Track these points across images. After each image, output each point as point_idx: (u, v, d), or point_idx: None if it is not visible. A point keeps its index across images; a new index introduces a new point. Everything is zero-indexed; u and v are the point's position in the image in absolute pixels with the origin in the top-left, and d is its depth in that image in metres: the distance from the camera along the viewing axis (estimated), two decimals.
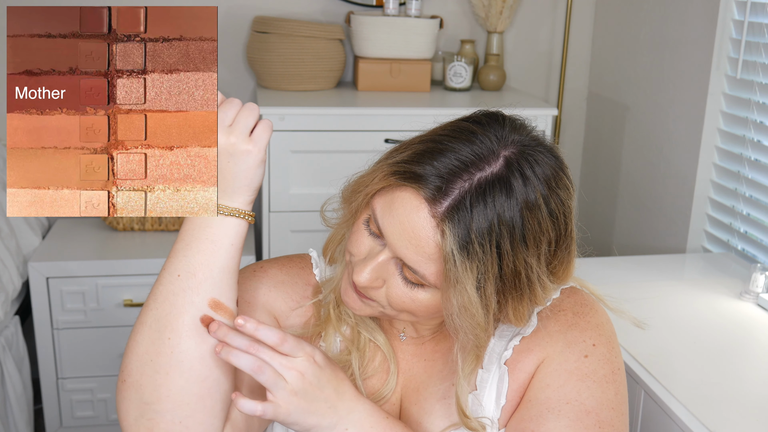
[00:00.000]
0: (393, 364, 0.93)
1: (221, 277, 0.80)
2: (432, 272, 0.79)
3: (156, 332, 0.78)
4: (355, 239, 0.85)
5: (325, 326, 0.94)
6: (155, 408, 0.77)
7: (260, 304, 0.93)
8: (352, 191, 0.88)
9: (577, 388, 0.84)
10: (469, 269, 0.77)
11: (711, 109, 2.02)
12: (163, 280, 0.80)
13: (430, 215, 0.77)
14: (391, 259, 0.82)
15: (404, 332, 0.96)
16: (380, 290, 0.84)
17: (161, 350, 0.77)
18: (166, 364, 0.77)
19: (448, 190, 0.77)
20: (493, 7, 2.45)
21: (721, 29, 1.97)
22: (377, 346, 0.95)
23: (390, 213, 0.80)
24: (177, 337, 0.78)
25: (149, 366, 0.78)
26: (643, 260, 1.92)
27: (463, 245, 0.76)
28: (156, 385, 0.77)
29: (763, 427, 1.20)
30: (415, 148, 0.82)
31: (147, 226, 2.33)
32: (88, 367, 2.15)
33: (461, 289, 0.78)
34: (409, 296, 0.83)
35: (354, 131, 2.10)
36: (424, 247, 0.78)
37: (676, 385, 1.29)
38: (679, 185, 2.15)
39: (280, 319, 0.94)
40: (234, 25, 2.42)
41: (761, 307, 1.61)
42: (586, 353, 0.86)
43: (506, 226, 0.77)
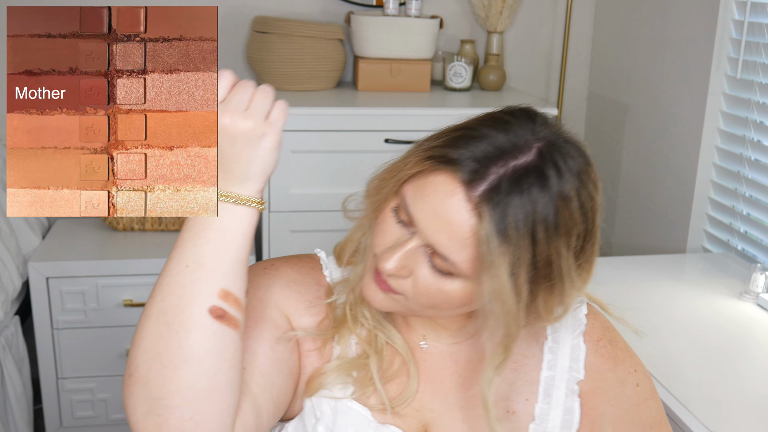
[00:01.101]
0: (413, 367, 0.91)
1: (232, 267, 0.76)
2: (464, 258, 0.78)
3: (163, 325, 0.75)
4: (382, 229, 0.84)
5: (340, 328, 0.91)
6: (164, 404, 0.74)
7: (273, 302, 0.90)
8: (381, 179, 0.87)
9: (648, 412, 0.96)
10: (504, 254, 0.76)
11: (711, 109, 2.02)
12: (169, 271, 0.77)
13: (465, 199, 0.77)
14: (420, 247, 0.81)
15: (425, 340, 0.94)
16: (406, 281, 0.82)
17: (169, 344, 0.74)
18: (175, 359, 0.74)
19: (484, 174, 0.77)
20: (493, 7, 2.45)
21: (721, 29, 1.97)
22: (395, 349, 0.92)
23: (423, 198, 0.79)
24: (185, 331, 0.74)
25: (157, 360, 0.74)
26: (643, 260, 1.92)
27: (500, 229, 0.76)
28: (164, 381, 0.74)
29: (763, 427, 1.20)
30: (449, 135, 0.82)
31: (147, 226, 2.33)
32: (88, 367, 2.15)
33: (494, 275, 0.77)
34: (437, 286, 0.81)
35: (354, 131, 2.10)
36: (457, 231, 0.77)
37: (676, 385, 1.29)
38: (679, 185, 2.15)
39: (293, 318, 0.91)
40: (234, 25, 2.42)
41: (761, 307, 1.61)
42: (636, 382, 0.96)
43: (541, 214, 0.77)
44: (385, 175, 0.87)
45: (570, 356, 0.93)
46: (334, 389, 0.89)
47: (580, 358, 0.93)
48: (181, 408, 0.74)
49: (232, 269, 0.76)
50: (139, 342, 0.76)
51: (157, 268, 2.11)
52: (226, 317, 0.76)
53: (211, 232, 0.77)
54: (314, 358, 0.91)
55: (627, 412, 0.94)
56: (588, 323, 0.95)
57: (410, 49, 2.31)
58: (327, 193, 2.12)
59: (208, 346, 0.75)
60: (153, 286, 0.79)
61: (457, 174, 0.78)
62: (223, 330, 0.75)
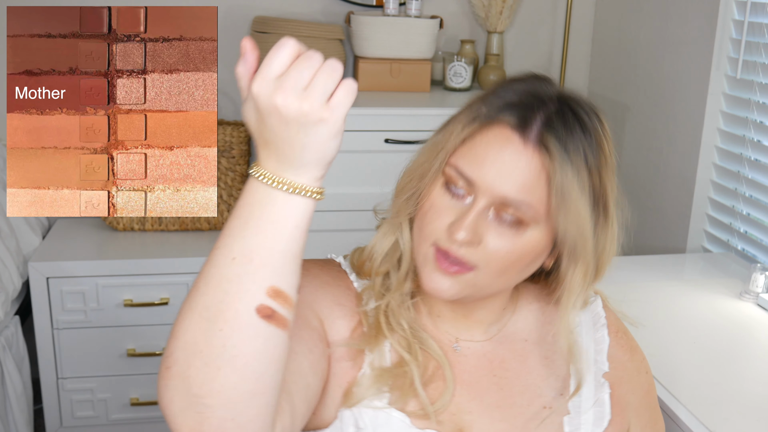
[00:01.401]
0: (448, 371, 0.90)
1: (283, 262, 0.69)
2: (538, 198, 0.81)
3: (206, 321, 0.68)
4: (436, 211, 0.84)
5: (378, 336, 0.89)
6: (205, 402, 0.68)
7: (307, 302, 0.87)
8: (420, 166, 0.87)
9: (654, 397, 1.02)
10: (573, 181, 0.80)
11: (711, 109, 2.02)
12: (215, 262, 0.69)
13: (522, 142, 0.81)
14: (485, 210, 0.82)
15: (457, 342, 0.94)
16: (477, 250, 0.83)
17: (212, 342, 0.67)
18: (218, 358, 0.67)
19: (530, 117, 0.82)
20: (493, 7, 2.45)
21: (721, 29, 1.97)
22: (428, 354, 0.91)
23: (480, 157, 0.82)
24: (230, 329, 0.67)
25: (198, 358, 0.68)
26: (643, 260, 1.91)
27: (566, 158, 0.80)
28: (206, 379, 0.68)
29: (763, 427, 1.20)
30: (477, 102, 0.86)
31: (147, 226, 2.33)
32: (88, 367, 2.15)
33: (571, 203, 0.81)
34: (510, 243, 0.83)
35: (354, 131, 2.10)
36: (526, 174, 0.81)
37: (676, 385, 1.29)
38: (679, 185, 2.15)
39: (326, 321, 0.88)
40: (234, 25, 2.42)
41: (761, 307, 1.61)
42: (646, 370, 1.01)
43: (590, 147, 0.83)
44: (425, 158, 0.88)
45: (594, 349, 0.96)
46: (372, 399, 0.87)
47: (603, 351, 0.96)
48: (223, 408, 0.68)
49: (283, 265, 0.69)
50: (179, 334, 0.69)
51: (158, 269, 2.12)
52: (275, 317, 0.69)
53: (261, 222, 0.68)
54: (346, 365, 0.89)
55: (643, 398, 0.99)
56: (606, 315, 0.99)
57: (410, 49, 2.31)
58: (327, 193, 2.11)
59: (254, 347, 0.68)
60: (153, 286, 0.78)
61: (505, 124, 0.82)
62: (272, 331, 0.68)
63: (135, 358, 2.15)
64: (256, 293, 0.68)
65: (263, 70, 0.68)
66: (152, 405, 2.19)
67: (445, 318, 0.94)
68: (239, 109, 2.53)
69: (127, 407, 2.19)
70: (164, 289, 2.12)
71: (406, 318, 0.90)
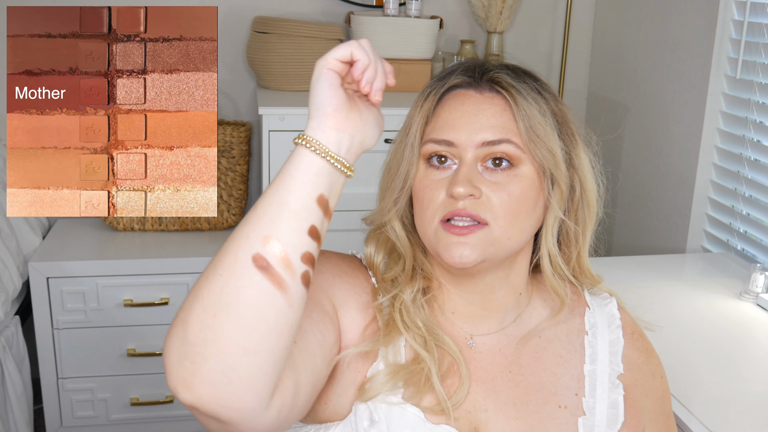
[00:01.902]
0: (464, 368, 0.90)
1: (279, 213, 0.72)
2: (512, 134, 0.87)
3: (212, 267, 0.71)
4: (430, 189, 0.89)
5: (391, 333, 0.90)
6: (198, 351, 0.70)
7: (322, 287, 0.89)
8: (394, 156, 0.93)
9: (669, 402, 1.00)
10: (530, 106, 0.88)
11: (711, 109, 2.02)
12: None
13: (478, 93, 0.89)
14: (474, 163, 0.87)
15: (472, 339, 0.94)
16: (481, 202, 0.86)
17: (212, 287, 0.70)
18: (215, 304, 0.70)
19: (478, 72, 0.91)
20: (493, 7, 2.45)
21: (721, 29, 1.97)
22: (444, 351, 0.91)
23: (449, 120, 0.89)
24: (228, 275, 0.70)
25: (198, 303, 0.70)
26: (643, 260, 1.92)
27: (517, 88, 0.88)
28: (202, 326, 0.70)
29: (763, 427, 1.20)
30: (429, 84, 0.95)
31: (147, 226, 2.33)
32: (88, 367, 2.15)
33: (537, 127, 0.87)
34: (509, 187, 0.87)
35: None
36: (493, 115, 0.87)
37: (676, 385, 1.29)
38: (679, 185, 2.15)
39: (340, 310, 0.89)
40: (234, 25, 2.42)
41: (761, 307, 1.61)
42: (661, 374, 1.00)
43: (536, 82, 0.91)
44: (395, 149, 0.93)
45: (609, 350, 0.96)
46: (387, 394, 0.87)
47: (618, 352, 0.96)
48: (215, 359, 0.70)
49: (279, 217, 0.72)
50: (194, 285, 0.73)
51: (157, 268, 2.12)
52: (269, 271, 0.70)
53: (277, 175, 0.74)
54: (361, 360, 0.89)
55: (657, 403, 0.98)
56: (621, 316, 0.99)
57: (410, 49, 2.31)
58: None
59: (248, 297, 0.70)
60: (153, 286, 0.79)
61: (458, 87, 0.91)
62: (266, 285, 0.70)
63: (135, 358, 2.15)
64: (255, 241, 0.71)
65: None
66: (152, 405, 2.19)
67: (459, 314, 0.95)
68: (239, 109, 2.53)
69: (127, 407, 2.19)
70: (164, 289, 2.12)
71: (420, 316, 0.91)
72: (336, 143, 0.75)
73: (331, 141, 0.74)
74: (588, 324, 0.97)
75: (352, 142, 0.76)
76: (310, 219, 0.73)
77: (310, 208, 0.73)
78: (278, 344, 0.72)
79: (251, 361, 0.70)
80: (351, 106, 0.77)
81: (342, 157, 0.75)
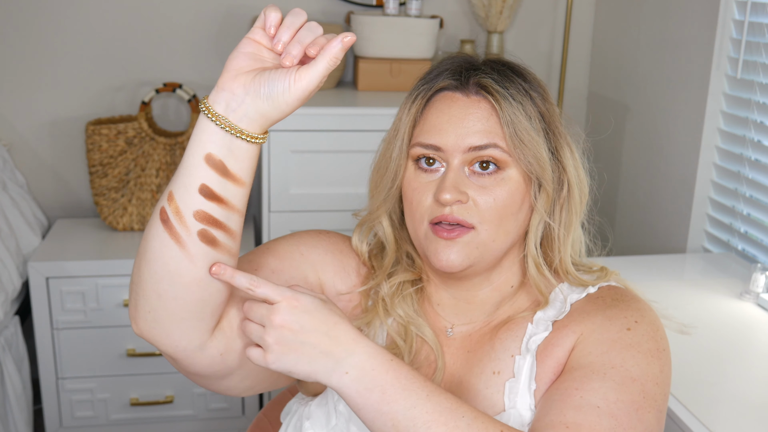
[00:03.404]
0: (440, 360, 0.93)
1: (178, 170, 0.77)
2: (498, 138, 0.87)
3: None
4: (418, 191, 0.89)
5: (372, 316, 0.95)
6: (135, 290, 0.80)
7: (311, 261, 0.95)
8: (383, 155, 0.94)
9: (622, 355, 0.84)
10: (517, 109, 0.87)
11: (711, 109, 2.02)
12: None
13: (465, 96, 0.89)
14: (460, 168, 0.87)
15: (452, 328, 0.96)
16: (468, 207, 0.87)
17: (144, 236, 0.79)
18: (141, 251, 0.79)
19: (465, 75, 0.90)
20: (493, 7, 2.45)
21: (721, 29, 1.97)
22: (422, 339, 0.95)
23: (436, 123, 0.89)
24: (148, 226, 0.78)
25: (138, 249, 0.80)
26: (643, 260, 1.91)
27: (505, 91, 0.88)
28: (135, 268, 0.80)
29: (763, 427, 1.20)
30: (418, 83, 0.94)
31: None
32: (88, 367, 2.14)
33: (523, 132, 0.87)
34: (495, 190, 0.87)
35: (354, 131, 2.10)
36: (481, 119, 0.87)
37: (676, 385, 1.29)
38: (679, 185, 2.15)
39: (325, 285, 0.96)
40: (234, 25, 2.42)
41: (761, 307, 1.61)
42: (628, 327, 0.87)
43: (524, 81, 0.91)
44: (384, 150, 0.94)
45: (557, 314, 0.93)
46: None
47: (563, 312, 0.92)
48: (143, 300, 0.79)
49: (177, 173, 0.77)
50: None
51: None
52: (167, 224, 0.76)
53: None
54: None
55: (601, 341, 0.86)
56: (597, 292, 0.94)
57: (410, 49, 2.31)
58: (327, 193, 2.12)
59: (154, 246, 0.77)
60: None
61: (445, 90, 0.90)
62: (165, 237, 0.76)
63: (135, 358, 2.15)
64: (164, 196, 0.78)
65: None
66: (152, 405, 2.19)
67: (445, 306, 0.97)
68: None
69: (127, 407, 2.19)
70: None
71: (403, 306, 0.95)
72: (225, 106, 0.75)
73: (221, 103, 0.75)
74: (551, 299, 0.94)
75: (247, 108, 0.75)
76: (198, 177, 0.75)
77: (198, 165, 0.75)
78: (188, 295, 0.78)
79: (167, 305, 0.78)
80: (258, 73, 0.75)
81: (233, 120, 0.75)
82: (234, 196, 0.77)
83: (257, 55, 0.76)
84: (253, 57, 0.75)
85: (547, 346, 0.89)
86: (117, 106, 2.42)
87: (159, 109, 2.46)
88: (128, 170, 2.27)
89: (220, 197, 0.76)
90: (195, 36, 2.41)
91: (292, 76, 0.74)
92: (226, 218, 0.77)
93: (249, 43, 0.76)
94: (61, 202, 2.46)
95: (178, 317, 0.79)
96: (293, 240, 0.97)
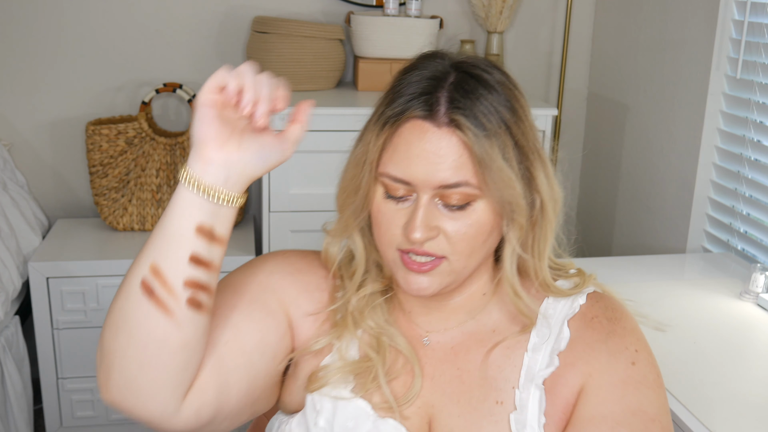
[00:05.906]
0: (417, 367, 0.91)
1: (162, 242, 0.77)
2: (471, 173, 0.82)
3: (120, 286, 0.80)
4: (386, 219, 0.86)
5: (344, 331, 0.92)
6: (108, 359, 0.79)
7: (271, 288, 0.92)
8: (351, 180, 0.89)
9: (637, 397, 0.86)
10: (492, 145, 0.82)
11: (711, 109, 2.02)
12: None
13: (436, 126, 0.82)
14: (430, 201, 0.84)
15: (428, 336, 0.95)
16: (438, 240, 0.85)
17: (115, 306, 0.78)
18: (116, 321, 0.78)
19: (434, 101, 0.83)
20: (493, 7, 2.45)
21: (721, 29, 1.97)
22: (398, 350, 0.92)
23: (405, 155, 0.83)
24: (125, 296, 0.78)
25: (109, 317, 0.79)
26: (643, 260, 1.91)
27: (479, 126, 0.82)
28: (108, 338, 0.79)
29: (763, 427, 1.20)
30: (383, 102, 0.89)
31: (147, 226, 2.33)
32: (88, 367, 2.14)
33: (494, 168, 0.82)
34: (467, 222, 0.84)
35: (354, 131, 2.09)
36: (451, 155, 0.82)
37: (675, 385, 1.29)
38: (679, 185, 2.15)
39: (290, 307, 0.93)
40: (234, 25, 2.42)
41: (761, 307, 1.61)
42: (632, 360, 0.88)
43: (498, 101, 0.84)
44: (352, 173, 0.90)
45: (555, 340, 0.91)
46: (337, 387, 0.90)
47: (563, 338, 0.91)
48: (118, 369, 0.78)
49: (161, 245, 0.77)
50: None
51: None
52: (154, 296, 0.76)
53: (168, 204, 0.79)
54: (311, 354, 0.93)
55: (614, 384, 0.87)
56: (586, 305, 0.92)
57: (410, 49, 2.28)
58: (327, 193, 2.11)
59: (137, 318, 0.76)
60: None
61: (414, 118, 0.83)
62: (151, 309, 0.76)
63: None
64: (143, 267, 0.77)
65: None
66: None
67: (417, 313, 0.96)
68: None
69: None
70: None
71: (373, 317, 0.93)
72: (212, 175, 0.76)
73: (206, 173, 0.76)
74: (541, 315, 0.93)
75: (228, 174, 0.77)
76: (190, 248, 0.76)
77: (189, 237, 0.76)
78: (173, 361, 0.78)
79: (149, 374, 0.77)
80: (229, 137, 0.77)
81: (219, 188, 0.76)
82: (219, 257, 0.79)
83: (223, 117, 0.76)
84: (220, 120, 0.76)
85: (554, 381, 0.89)
86: (117, 106, 2.42)
87: (159, 109, 2.46)
88: (128, 170, 2.27)
89: (208, 262, 0.78)
90: (195, 36, 2.41)
91: (284, 145, 0.82)
92: (211, 280, 0.79)
93: (204, 110, 0.75)
94: (62, 202, 2.47)
95: (157, 385, 0.78)
96: (249, 270, 0.94)
